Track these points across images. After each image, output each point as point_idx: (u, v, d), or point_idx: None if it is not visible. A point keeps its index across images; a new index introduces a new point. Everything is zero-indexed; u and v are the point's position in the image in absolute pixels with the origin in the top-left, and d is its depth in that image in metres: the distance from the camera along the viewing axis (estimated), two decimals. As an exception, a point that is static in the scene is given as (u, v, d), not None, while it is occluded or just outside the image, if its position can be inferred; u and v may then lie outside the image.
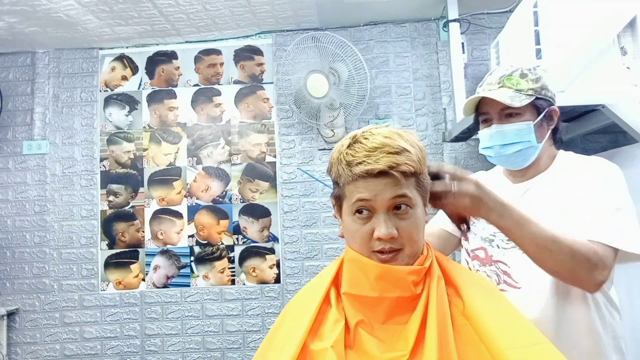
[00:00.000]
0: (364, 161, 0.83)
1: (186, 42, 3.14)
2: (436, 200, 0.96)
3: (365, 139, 0.86)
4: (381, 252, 0.85)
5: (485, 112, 1.22)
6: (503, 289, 1.17)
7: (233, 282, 3.01)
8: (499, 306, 0.88)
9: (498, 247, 1.20)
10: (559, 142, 1.25)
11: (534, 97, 1.16)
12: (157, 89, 3.15)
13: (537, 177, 1.21)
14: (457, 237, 1.35)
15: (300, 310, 0.90)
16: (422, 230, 0.90)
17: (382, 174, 0.83)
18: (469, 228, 1.04)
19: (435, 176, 0.96)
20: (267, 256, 3.02)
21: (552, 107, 1.20)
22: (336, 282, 0.92)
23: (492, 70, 1.26)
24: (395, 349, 0.81)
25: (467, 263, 1.30)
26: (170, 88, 3.14)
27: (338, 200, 0.91)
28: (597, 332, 1.12)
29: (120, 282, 3.03)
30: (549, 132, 1.21)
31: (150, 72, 3.16)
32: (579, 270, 1.02)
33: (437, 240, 1.29)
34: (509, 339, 0.80)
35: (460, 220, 1.03)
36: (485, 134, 1.23)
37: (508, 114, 1.18)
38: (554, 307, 1.11)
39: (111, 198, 3.08)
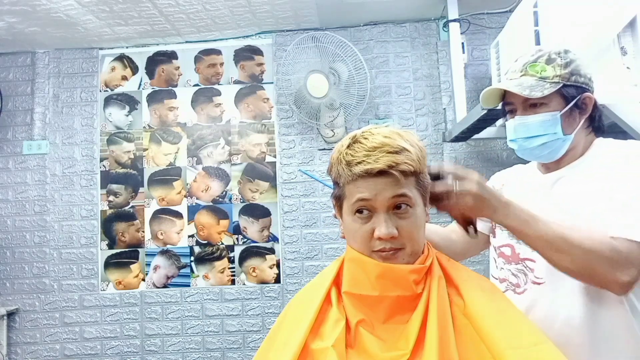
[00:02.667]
0: (363, 161, 0.83)
1: (186, 42, 3.14)
2: (438, 201, 0.94)
3: (365, 138, 0.86)
4: (382, 251, 0.85)
5: (509, 102, 1.13)
6: (528, 289, 1.11)
7: (233, 282, 3.01)
8: (500, 306, 0.87)
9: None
10: (598, 130, 1.13)
11: (561, 85, 1.06)
12: (157, 89, 3.15)
13: (568, 166, 1.12)
14: (485, 235, 1.26)
15: (301, 309, 0.90)
16: (423, 229, 0.90)
17: (382, 173, 0.83)
18: (475, 230, 1.01)
19: (437, 177, 0.94)
20: (267, 256, 3.02)
21: (585, 94, 1.08)
22: (337, 281, 0.92)
23: (519, 57, 1.16)
24: (395, 348, 0.81)
25: (495, 260, 1.23)
26: (170, 88, 3.14)
27: (338, 200, 0.91)
28: (638, 337, 1.02)
29: (120, 282, 3.03)
30: (582, 121, 1.09)
31: (150, 72, 3.16)
32: (596, 270, 0.94)
33: (461, 238, 1.22)
34: (510, 339, 0.80)
35: (467, 222, 1.00)
36: (509, 126, 1.14)
37: (532, 104, 1.08)
38: (584, 307, 1.02)
39: (111, 198, 3.08)
